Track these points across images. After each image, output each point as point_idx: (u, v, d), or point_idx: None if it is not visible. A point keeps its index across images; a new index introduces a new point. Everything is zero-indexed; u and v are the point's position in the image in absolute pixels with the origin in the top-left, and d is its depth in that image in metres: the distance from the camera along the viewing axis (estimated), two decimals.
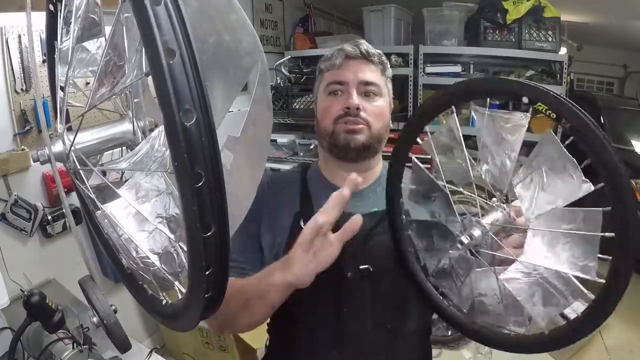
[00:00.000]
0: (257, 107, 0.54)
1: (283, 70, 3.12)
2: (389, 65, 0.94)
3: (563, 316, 0.65)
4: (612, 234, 0.52)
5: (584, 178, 0.56)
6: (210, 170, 0.34)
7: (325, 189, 0.90)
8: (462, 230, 0.65)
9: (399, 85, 4.32)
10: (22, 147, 1.70)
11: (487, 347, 2.49)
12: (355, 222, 0.66)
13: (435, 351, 2.67)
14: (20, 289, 1.58)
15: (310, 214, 0.85)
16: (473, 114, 0.64)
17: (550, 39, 3.05)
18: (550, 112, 0.55)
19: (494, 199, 0.67)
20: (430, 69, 3.34)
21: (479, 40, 3.23)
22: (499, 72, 3.45)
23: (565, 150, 0.55)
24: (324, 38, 3.51)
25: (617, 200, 0.53)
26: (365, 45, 0.89)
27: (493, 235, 0.63)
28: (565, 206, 0.56)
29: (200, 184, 0.34)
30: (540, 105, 0.55)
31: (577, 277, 0.56)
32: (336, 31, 4.44)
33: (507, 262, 0.61)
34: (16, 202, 1.68)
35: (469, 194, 0.70)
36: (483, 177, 0.65)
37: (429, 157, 0.73)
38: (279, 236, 0.90)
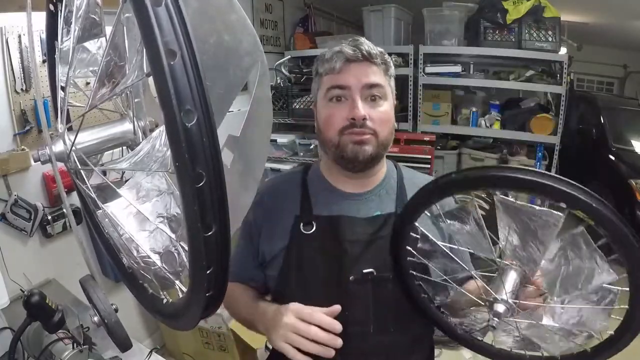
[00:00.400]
0: (257, 107, 0.55)
1: (283, 70, 3.12)
2: (392, 64, 0.89)
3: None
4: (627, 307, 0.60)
5: (609, 269, 0.59)
6: (211, 170, 0.35)
7: (326, 191, 0.91)
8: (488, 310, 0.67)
9: (399, 85, 4.33)
10: (22, 147, 1.70)
11: None
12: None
13: (435, 351, 2.67)
14: (20, 289, 1.58)
15: (309, 217, 0.86)
16: (496, 200, 0.63)
17: (550, 39, 3.05)
18: (588, 219, 0.56)
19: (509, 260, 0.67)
20: (430, 69, 3.34)
21: (479, 40, 3.23)
22: (499, 72, 3.46)
23: (597, 248, 0.58)
24: (324, 38, 3.51)
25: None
26: (366, 45, 0.84)
27: (515, 306, 0.65)
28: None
29: (201, 184, 0.34)
30: (578, 212, 0.57)
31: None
32: (336, 31, 4.45)
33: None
34: (16, 202, 1.68)
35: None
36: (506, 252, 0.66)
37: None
38: (279, 240, 0.89)
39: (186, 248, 0.40)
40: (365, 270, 0.82)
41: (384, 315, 0.84)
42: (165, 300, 0.54)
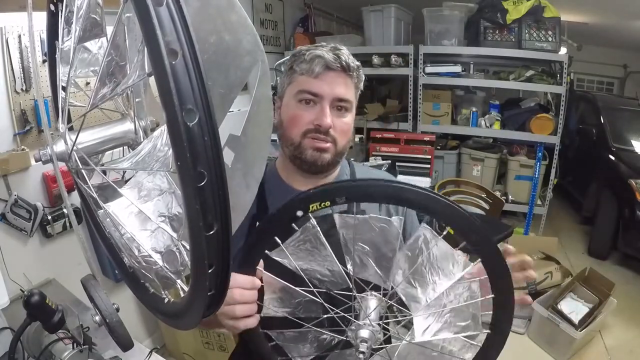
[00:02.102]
0: (257, 107, 0.55)
1: (283, 70, 3.12)
2: (363, 78, 0.91)
3: None
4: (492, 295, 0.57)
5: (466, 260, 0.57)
6: (212, 170, 0.35)
7: (282, 190, 0.92)
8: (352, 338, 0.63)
9: (399, 85, 4.34)
10: (22, 147, 1.70)
11: None
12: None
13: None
14: (20, 289, 1.58)
15: (265, 215, 0.85)
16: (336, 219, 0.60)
17: (550, 39, 3.05)
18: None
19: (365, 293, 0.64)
20: (430, 69, 3.34)
21: (479, 40, 3.23)
22: (499, 72, 3.46)
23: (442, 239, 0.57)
24: (323, 38, 3.51)
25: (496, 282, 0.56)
26: (345, 55, 0.85)
27: (379, 328, 0.62)
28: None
29: (202, 183, 0.34)
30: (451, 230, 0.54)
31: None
32: (336, 31, 4.45)
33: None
34: (16, 202, 1.68)
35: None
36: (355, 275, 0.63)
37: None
38: (236, 241, 0.88)
39: (188, 247, 0.40)
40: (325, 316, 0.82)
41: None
42: (166, 300, 0.54)
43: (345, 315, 0.64)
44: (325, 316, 0.67)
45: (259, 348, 0.72)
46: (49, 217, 1.81)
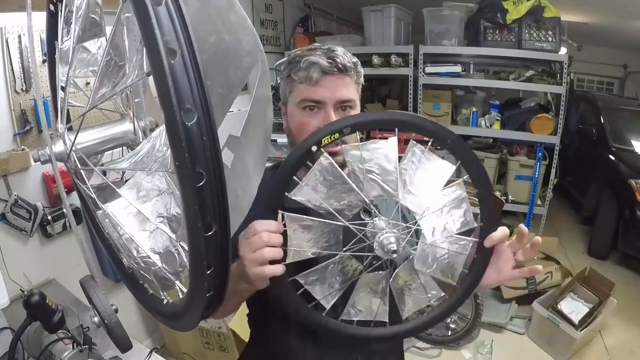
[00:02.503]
0: (257, 107, 0.54)
1: (282, 76, 3.12)
2: (362, 72, 0.92)
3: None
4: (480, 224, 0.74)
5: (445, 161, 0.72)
6: (211, 170, 0.34)
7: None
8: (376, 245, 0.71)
9: (399, 85, 4.34)
10: (22, 147, 1.70)
11: (486, 347, 2.49)
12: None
13: (435, 351, 2.67)
14: (20, 289, 1.58)
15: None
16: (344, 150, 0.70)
17: (550, 39, 3.05)
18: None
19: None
20: (430, 69, 3.34)
21: (479, 40, 3.23)
22: (499, 72, 3.46)
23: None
24: (324, 38, 3.51)
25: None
26: (340, 56, 0.85)
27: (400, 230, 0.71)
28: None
29: (201, 184, 0.34)
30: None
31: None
32: (336, 31, 4.45)
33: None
34: (16, 202, 1.68)
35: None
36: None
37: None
38: None
39: (186, 248, 0.40)
40: (348, 245, 0.85)
41: None
42: (165, 301, 0.54)
43: (366, 230, 0.71)
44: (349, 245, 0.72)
45: (289, 299, 0.74)
46: (49, 217, 1.81)
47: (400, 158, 0.71)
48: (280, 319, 0.91)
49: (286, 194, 0.67)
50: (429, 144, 0.70)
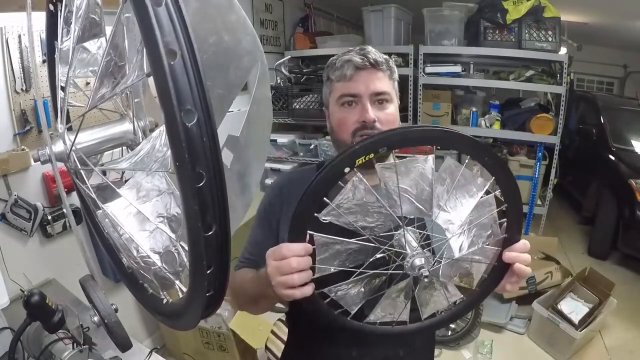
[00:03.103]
0: (257, 107, 0.55)
1: (283, 70, 3.12)
2: (395, 69, 0.97)
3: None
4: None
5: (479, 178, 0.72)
6: (211, 170, 0.35)
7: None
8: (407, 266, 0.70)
9: (399, 85, 4.34)
10: (22, 147, 1.70)
11: (486, 347, 2.49)
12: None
13: (435, 351, 2.68)
14: (20, 289, 1.58)
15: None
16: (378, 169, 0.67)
17: (550, 39, 3.05)
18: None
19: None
20: (430, 69, 3.34)
21: (479, 40, 3.23)
22: (499, 72, 3.46)
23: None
24: (324, 38, 3.51)
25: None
26: (372, 53, 0.91)
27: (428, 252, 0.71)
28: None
29: (201, 184, 0.34)
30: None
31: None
32: (336, 31, 4.45)
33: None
34: (16, 202, 1.68)
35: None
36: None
37: None
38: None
39: (186, 248, 0.40)
40: (377, 255, 0.86)
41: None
42: (165, 301, 0.54)
43: (397, 250, 0.71)
44: (379, 255, 0.72)
45: (316, 308, 0.75)
46: (49, 217, 1.81)
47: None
48: (325, 329, 0.92)
49: (316, 214, 0.66)
50: (466, 161, 0.71)
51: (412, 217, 0.71)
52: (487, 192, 0.73)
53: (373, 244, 0.70)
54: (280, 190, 1.00)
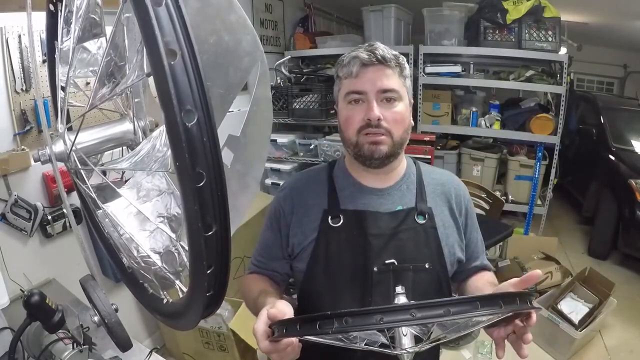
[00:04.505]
0: (257, 107, 0.55)
1: (283, 70, 3.12)
2: (406, 65, 0.94)
3: None
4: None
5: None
6: (211, 170, 0.35)
7: (352, 186, 0.97)
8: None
9: None
10: (22, 147, 1.69)
11: (487, 347, 2.49)
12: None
13: None
14: (20, 289, 1.58)
15: (337, 210, 0.93)
16: None
17: (550, 39, 3.05)
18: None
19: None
20: (430, 69, 3.34)
21: (479, 40, 3.23)
22: (499, 72, 3.46)
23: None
24: (324, 38, 3.51)
25: None
26: (380, 49, 0.88)
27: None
28: None
29: (201, 184, 0.34)
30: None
31: None
32: (336, 31, 4.45)
33: None
34: (16, 202, 1.68)
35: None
36: None
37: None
38: (308, 234, 0.94)
39: (186, 248, 0.40)
40: (387, 261, 0.88)
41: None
42: (165, 300, 0.54)
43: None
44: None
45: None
46: (49, 217, 1.81)
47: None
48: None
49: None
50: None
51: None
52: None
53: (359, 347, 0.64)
54: (290, 193, 0.99)
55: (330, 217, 0.92)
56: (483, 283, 0.96)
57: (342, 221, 0.92)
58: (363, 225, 0.91)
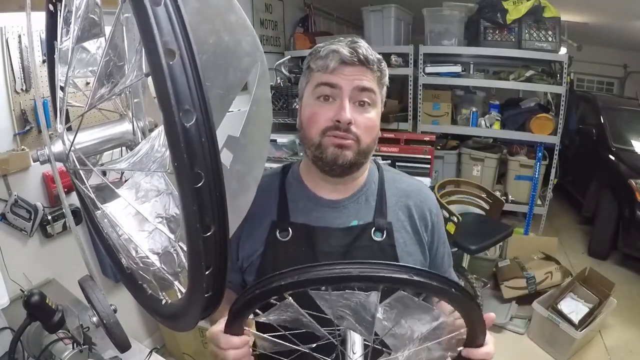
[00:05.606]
0: (256, 107, 0.54)
1: (283, 70, 3.12)
2: (387, 72, 0.85)
3: None
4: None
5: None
6: (210, 171, 0.34)
7: (304, 197, 0.88)
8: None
9: (399, 85, 4.35)
10: (22, 147, 1.69)
11: None
12: None
13: None
14: (20, 289, 1.58)
15: (286, 223, 0.84)
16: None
17: (550, 39, 3.05)
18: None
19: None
20: (430, 69, 3.34)
21: (479, 40, 3.23)
22: (499, 72, 3.46)
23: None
24: (324, 38, 3.50)
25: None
26: (364, 48, 0.79)
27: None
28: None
29: (200, 185, 0.34)
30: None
31: None
32: (336, 31, 4.45)
33: None
34: (16, 202, 1.68)
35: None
36: None
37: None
38: (255, 247, 0.87)
39: (185, 248, 0.40)
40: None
41: None
42: (164, 301, 0.54)
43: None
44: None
45: None
46: (49, 217, 1.81)
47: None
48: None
49: (258, 312, 0.60)
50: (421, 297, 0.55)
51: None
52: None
53: (307, 351, 0.66)
54: None
55: (278, 230, 0.84)
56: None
57: (290, 235, 0.84)
58: (312, 241, 0.83)
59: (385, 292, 0.54)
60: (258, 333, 0.68)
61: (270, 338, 0.66)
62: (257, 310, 0.60)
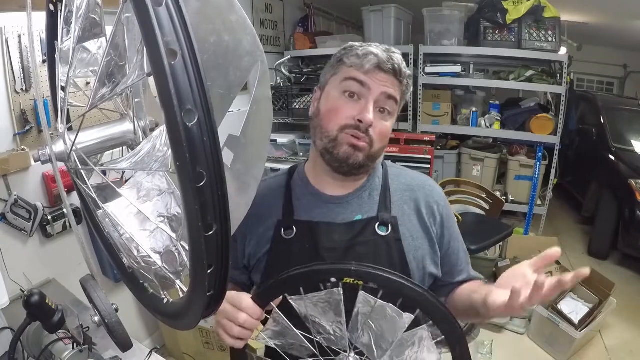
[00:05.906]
0: (257, 107, 0.54)
1: (283, 70, 3.12)
2: (411, 88, 0.89)
3: None
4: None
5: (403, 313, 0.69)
6: (212, 170, 0.35)
7: (309, 194, 0.90)
8: None
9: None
10: (22, 147, 1.70)
11: (486, 347, 2.49)
12: None
13: None
14: (20, 289, 1.58)
15: (290, 222, 0.86)
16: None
17: (550, 39, 3.05)
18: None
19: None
20: (430, 69, 3.34)
21: (479, 40, 3.23)
22: (499, 72, 3.46)
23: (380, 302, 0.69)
24: (324, 38, 3.51)
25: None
26: (399, 59, 0.82)
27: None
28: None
29: (202, 184, 0.34)
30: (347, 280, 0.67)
31: None
32: (336, 31, 4.45)
33: None
34: (16, 202, 1.68)
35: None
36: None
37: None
38: (262, 246, 0.89)
39: (187, 248, 0.40)
40: None
41: None
42: (166, 300, 0.54)
43: None
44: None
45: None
46: (49, 217, 1.81)
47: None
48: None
49: (286, 294, 0.70)
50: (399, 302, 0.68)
51: (360, 350, 0.72)
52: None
53: (310, 347, 0.73)
54: None
55: (283, 229, 0.86)
56: (467, 292, 0.88)
57: (294, 233, 0.85)
58: (316, 238, 0.84)
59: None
60: (280, 314, 0.72)
61: (289, 324, 0.72)
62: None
